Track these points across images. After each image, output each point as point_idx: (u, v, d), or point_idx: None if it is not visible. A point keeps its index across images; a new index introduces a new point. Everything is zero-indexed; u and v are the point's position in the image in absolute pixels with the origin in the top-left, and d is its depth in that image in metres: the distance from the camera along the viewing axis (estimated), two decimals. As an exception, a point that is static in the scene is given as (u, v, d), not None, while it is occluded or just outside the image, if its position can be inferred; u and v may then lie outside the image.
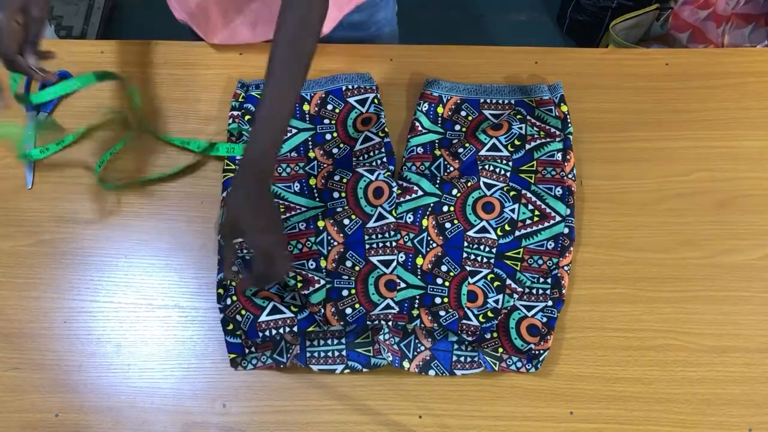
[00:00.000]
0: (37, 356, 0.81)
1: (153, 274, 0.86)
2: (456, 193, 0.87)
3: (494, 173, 0.88)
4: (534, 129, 0.90)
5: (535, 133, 0.89)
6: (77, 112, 0.94)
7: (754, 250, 0.87)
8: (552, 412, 0.79)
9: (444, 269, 0.84)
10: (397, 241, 0.84)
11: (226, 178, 0.88)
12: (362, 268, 0.83)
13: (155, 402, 0.79)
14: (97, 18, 2.01)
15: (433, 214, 0.86)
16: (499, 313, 0.82)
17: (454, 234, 0.85)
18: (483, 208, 0.86)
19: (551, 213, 0.85)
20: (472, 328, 0.81)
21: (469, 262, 0.84)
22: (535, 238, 0.85)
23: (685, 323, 0.83)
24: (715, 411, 0.79)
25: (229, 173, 0.88)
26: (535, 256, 0.84)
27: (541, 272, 0.83)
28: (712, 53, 1.00)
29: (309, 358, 0.80)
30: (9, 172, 0.91)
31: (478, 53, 0.99)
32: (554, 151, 0.88)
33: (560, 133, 0.89)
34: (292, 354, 0.79)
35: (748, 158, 0.92)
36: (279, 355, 0.79)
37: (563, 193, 0.86)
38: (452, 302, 0.82)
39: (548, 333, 0.80)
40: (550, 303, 0.82)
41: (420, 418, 0.79)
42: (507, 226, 0.86)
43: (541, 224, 0.85)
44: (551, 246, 0.84)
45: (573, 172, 0.88)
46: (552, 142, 0.88)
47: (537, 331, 0.80)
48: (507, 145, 0.89)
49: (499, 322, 0.81)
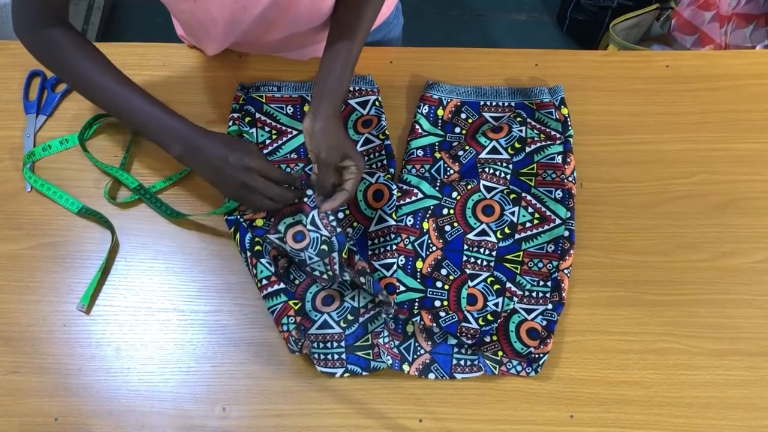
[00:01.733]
0: (37, 360, 0.81)
1: (152, 277, 0.85)
2: (456, 196, 0.87)
3: (494, 176, 0.88)
4: (534, 132, 0.90)
5: (535, 136, 0.89)
6: (77, 115, 0.94)
7: (755, 253, 0.87)
8: (552, 415, 0.79)
9: (444, 272, 0.84)
10: (397, 244, 0.84)
11: None
12: None
13: (155, 405, 0.79)
14: (97, 18, 2.00)
15: (433, 217, 0.86)
16: (499, 316, 0.82)
17: (454, 237, 0.85)
18: (483, 211, 0.86)
19: (551, 216, 0.85)
20: (472, 331, 0.81)
21: (469, 266, 0.84)
22: (535, 241, 0.85)
23: (685, 326, 0.83)
24: (716, 414, 0.79)
25: None
26: (535, 259, 0.84)
27: (541, 275, 0.83)
28: (713, 55, 1.00)
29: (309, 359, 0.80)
30: (8, 174, 0.91)
31: (478, 55, 0.99)
32: (554, 153, 0.88)
33: (560, 136, 0.89)
34: (302, 347, 0.79)
35: (749, 161, 0.92)
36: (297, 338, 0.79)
37: (563, 196, 0.86)
38: (452, 305, 0.82)
39: (548, 336, 0.80)
40: (550, 306, 0.82)
41: (420, 421, 0.79)
42: (507, 229, 0.85)
43: (541, 227, 0.85)
44: (551, 249, 0.84)
45: (573, 174, 0.87)
46: (552, 144, 0.88)
47: (537, 335, 0.80)
48: (507, 147, 0.89)
49: (498, 325, 0.81)
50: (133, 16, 2.09)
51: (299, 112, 0.92)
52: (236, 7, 0.80)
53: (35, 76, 0.96)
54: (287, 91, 0.93)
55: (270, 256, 0.82)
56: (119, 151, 0.92)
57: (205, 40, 0.90)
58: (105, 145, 0.92)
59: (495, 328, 0.81)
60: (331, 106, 0.78)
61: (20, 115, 0.94)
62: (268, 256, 0.82)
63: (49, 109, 0.94)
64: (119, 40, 1.02)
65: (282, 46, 0.95)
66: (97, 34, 1.99)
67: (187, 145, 0.78)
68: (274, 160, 0.89)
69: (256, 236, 0.82)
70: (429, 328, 0.80)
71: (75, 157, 0.92)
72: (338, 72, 0.79)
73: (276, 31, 0.88)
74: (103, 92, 0.79)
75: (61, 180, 0.90)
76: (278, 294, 0.80)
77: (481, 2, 2.07)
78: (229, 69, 0.97)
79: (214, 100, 0.95)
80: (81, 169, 0.91)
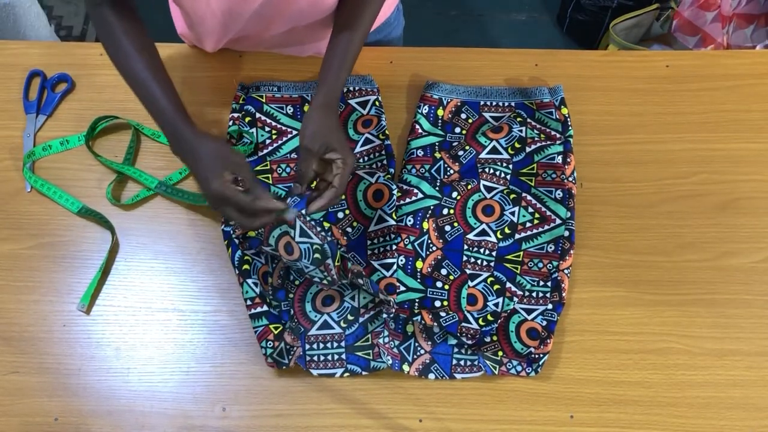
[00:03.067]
0: (37, 360, 0.81)
1: (152, 277, 0.85)
2: (456, 195, 0.87)
3: (494, 176, 0.88)
4: (534, 132, 0.89)
5: (535, 136, 0.89)
6: (77, 115, 0.94)
7: (755, 253, 0.87)
8: (553, 415, 0.79)
9: (444, 273, 0.84)
10: (397, 244, 0.84)
11: None
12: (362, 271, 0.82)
13: (154, 406, 0.79)
14: (96, 18, 2.00)
15: (433, 217, 0.86)
16: (499, 316, 0.82)
17: (454, 237, 0.85)
18: (483, 211, 0.86)
19: (551, 216, 0.85)
20: (472, 331, 0.81)
21: (469, 266, 0.84)
22: (535, 241, 0.85)
23: (686, 326, 0.83)
24: (716, 414, 0.79)
25: None
26: (535, 259, 0.84)
27: (541, 275, 0.83)
28: (713, 55, 1.00)
29: (308, 362, 0.80)
30: (8, 175, 0.91)
31: (479, 55, 0.99)
32: (554, 154, 0.88)
33: (561, 136, 0.89)
34: (294, 356, 0.79)
35: (749, 161, 0.92)
36: (280, 356, 0.79)
37: (563, 196, 0.86)
38: (452, 305, 0.82)
39: (548, 336, 0.80)
40: (550, 306, 0.82)
41: (420, 421, 0.79)
42: (507, 229, 0.85)
43: (541, 227, 0.85)
44: (551, 249, 0.84)
45: (573, 175, 0.87)
46: (552, 144, 0.88)
47: (537, 335, 0.80)
48: (507, 147, 0.89)
49: (498, 325, 0.81)
50: (133, 16, 2.09)
51: (299, 112, 0.92)
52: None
53: (35, 76, 0.96)
54: (287, 91, 0.93)
55: (258, 275, 0.82)
56: (120, 152, 0.92)
57: (204, 35, 0.90)
58: (107, 145, 0.92)
59: (495, 328, 0.81)
60: (323, 96, 0.78)
61: (20, 114, 0.94)
62: (256, 276, 0.82)
63: (49, 109, 0.94)
64: (119, 40, 1.02)
65: (281, 42, 0.95)
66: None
67: (179, 149, 0.77)
68: (274, 159, 0.89)
69: (245, 254, 0.82)
70: (429, 327, 0.80)
71: (75, 157, 0.92)
72: (335, 66, 0.80)
73: (276, 26, 0.88)
74: (130, 78, 0.78)
75: (61, 180, 0.90)
76: (260, 317, 0.80)
77: (480, 2, 2.06)
78: (229, 69, 0.97)
79: (214, 100, 0.95)
80: (81, 169, 0.91)
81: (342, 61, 0.80)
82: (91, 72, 0.97)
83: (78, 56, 0.98)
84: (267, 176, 0.88)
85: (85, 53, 0.98)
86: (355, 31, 0.81)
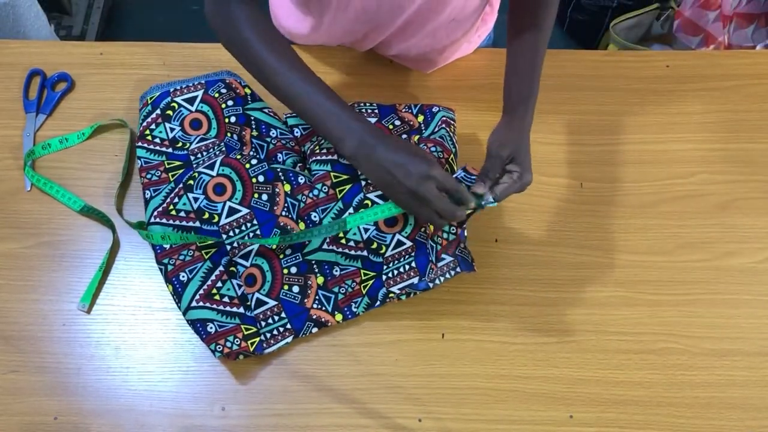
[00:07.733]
0: (36, 359, 0.81)
1: (152, 276, 0.85)
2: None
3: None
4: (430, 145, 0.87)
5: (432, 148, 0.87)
6: (77, 114, 0.94)
7: (755, 253, 0.87)
8: (552, 415, 0.79)
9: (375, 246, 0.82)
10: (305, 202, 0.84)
11: None
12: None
13: (154, 405, 0.79)
14: (96, 18, 2.01)
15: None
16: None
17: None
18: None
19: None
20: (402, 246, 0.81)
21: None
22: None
23: (685, 326, 0.83)
24: (716, 415, 0.79)
25: None
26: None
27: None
28: (713, 55, 1.00)
29: (261, 342, 0.80)
30: (8, 174, 0.91)
31: (479, 55, 0.99)
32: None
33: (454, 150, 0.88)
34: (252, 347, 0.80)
35: (749, 161, 0.92)
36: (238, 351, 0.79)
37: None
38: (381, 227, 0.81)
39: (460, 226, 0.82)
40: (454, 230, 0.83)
41: (420, 421, 0.79)
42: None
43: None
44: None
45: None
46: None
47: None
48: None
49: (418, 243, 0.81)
50: (133, 16, 2.09)
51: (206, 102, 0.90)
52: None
53: (35, 75, 0.96)
54: (189, 82, 0.91)
55: (241, 279, 0.81)
56: (118, 151, 0.92)
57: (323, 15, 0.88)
58: (107, 145, 0.92)
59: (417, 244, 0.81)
60: (516, 114, 0.81)
61: (20, 114, 0.94)
62: (239, 279, 0.82)
63: (48, 108, 0.94)
64: (119, 39, 1.02)
65: (383, 43, 0.93)
66: (97, 33, 2.00)
67: (362, 143, 0.74)
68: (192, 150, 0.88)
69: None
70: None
71: (76, 156, 0.92)
72: (527, 78, 0.83)
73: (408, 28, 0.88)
74: (276, 76, 0.76)
75: (62, 179, 0.90)
76: (235, 316, 0.81)
77: (481, 2, 2.06)
78: (228, 68, 0.97)
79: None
80: (82, 168, 0.91)
81: (532, 70, 0.83)
82: (91, 71, 0.97)
83: (78, 56, 0.98)
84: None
85: (85, 53, 0.98)
86: (537, 47, 0.85)
